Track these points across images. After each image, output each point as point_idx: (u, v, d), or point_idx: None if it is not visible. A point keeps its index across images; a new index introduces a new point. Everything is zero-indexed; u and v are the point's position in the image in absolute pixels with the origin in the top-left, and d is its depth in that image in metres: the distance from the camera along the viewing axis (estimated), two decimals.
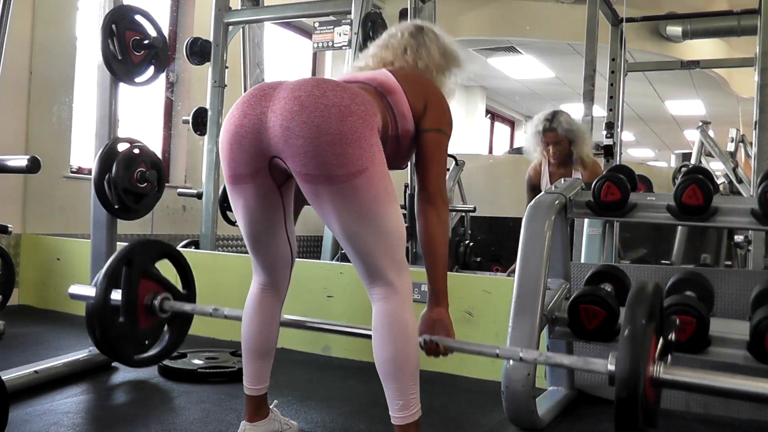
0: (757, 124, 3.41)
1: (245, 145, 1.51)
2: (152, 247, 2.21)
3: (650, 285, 1.50)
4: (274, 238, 1.68)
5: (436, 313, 1.69)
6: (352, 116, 1.45)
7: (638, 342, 1.40)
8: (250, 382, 1.77)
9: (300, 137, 1.43)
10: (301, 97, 1.45)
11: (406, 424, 1.56)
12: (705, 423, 2.26)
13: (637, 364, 1.38)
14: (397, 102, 1.65)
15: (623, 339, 1.41)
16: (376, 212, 1.49)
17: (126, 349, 2.10)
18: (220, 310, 2.04)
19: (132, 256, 2.09)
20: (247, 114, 1.51)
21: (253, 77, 4.58)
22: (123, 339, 2.07)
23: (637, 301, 1.45)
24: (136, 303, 2.08)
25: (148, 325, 2.12)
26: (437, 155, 1.69)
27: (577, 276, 2.47)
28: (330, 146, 1.42)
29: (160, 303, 2.11)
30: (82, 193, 3.86)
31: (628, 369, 1.38)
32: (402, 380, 1.55)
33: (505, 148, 11.88)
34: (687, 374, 1.47)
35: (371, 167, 1.46)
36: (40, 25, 3.99)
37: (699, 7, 6.36)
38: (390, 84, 1.67)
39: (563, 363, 1.68)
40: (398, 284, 1.56)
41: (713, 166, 5.53)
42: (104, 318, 2.05)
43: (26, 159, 1.99)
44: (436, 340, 1.68)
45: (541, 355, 1.68)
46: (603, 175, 2.29)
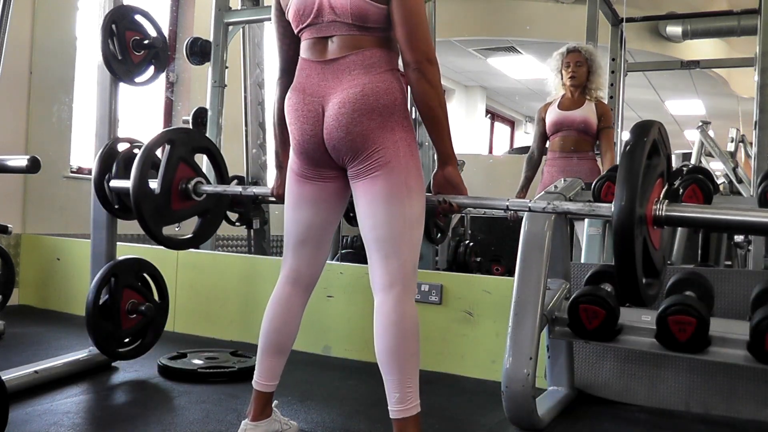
0: (757, 124, 3.42)
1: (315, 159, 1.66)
2: (194, 135, 2.36)
3: (651, 122, 1.43)
4: (326, 236, 1.78)
5: (446, 173, 1.70)
6: (384, 129, 1.58)
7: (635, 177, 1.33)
8: (263, 378, 1.78)
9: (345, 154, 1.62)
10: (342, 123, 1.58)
11: (403, 417, 1.57)
12: (705, 423, 2.26)
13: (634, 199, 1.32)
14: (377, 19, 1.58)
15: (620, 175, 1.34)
16: (402, 201, 1.59)
17: (158, 223, 2.21)
18: (249, 188, 2.21)
19: (175, 136, 2.23)
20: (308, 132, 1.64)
21: (253, 77, 4.58)
22: (156, 214, 2.19)
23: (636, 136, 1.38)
24: (173, 181, 2.19)
25: (180, 206, 2.24)
26: (416, 14, 1.57)
27: (577, 276, 2.47)
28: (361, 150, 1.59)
29: (194, 186, 2.22)
30: (82, 193, 3.86)
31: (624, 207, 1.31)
32: (401, 371, 1.56)
33: (505, 148, 11.87)
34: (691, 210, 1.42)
35: (393, 161, 1.58)
36: (40, 25, 3.99)
37: (699, 7, 6.35)
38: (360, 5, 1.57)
39: (570, 210, 1.67)
40: (402, 276, 1.60)
41: (713, 166, 5.53)
42: (140, 196, 2.16)
43: (26, 159, 1.99)
44: (449, 199, 1.70)
45: (549, 204, 1.69)
46: (603, 175, 2.29)
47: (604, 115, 3.39)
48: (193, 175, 2.24)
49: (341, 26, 1.60)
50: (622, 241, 1.33)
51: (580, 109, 3.40)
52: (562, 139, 3.41)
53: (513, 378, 1.98)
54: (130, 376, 2.53)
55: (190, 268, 3.39)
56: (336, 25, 1.61)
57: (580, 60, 3.42)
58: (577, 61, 3.42)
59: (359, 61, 1.60)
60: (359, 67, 1.59)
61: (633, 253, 1.33)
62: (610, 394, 2.44)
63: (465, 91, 10.34)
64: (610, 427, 2.18)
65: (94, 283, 2.43)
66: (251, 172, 4.58)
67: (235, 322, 3.25)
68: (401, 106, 1.62)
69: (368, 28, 1.60)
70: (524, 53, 8.24)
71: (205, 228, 2.41)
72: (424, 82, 1.59)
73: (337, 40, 1.62)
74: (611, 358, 2.47)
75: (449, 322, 2.80)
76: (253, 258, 3.76)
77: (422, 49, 1.58)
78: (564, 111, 3.43)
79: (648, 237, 1.37)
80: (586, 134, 3.37)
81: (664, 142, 1.47)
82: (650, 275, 1.40)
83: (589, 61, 3.43)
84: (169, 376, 2.51)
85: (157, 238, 2.23)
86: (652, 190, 1.38)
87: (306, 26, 1.65)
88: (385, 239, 1.60)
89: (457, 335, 2.78)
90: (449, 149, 1.67)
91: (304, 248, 1.76)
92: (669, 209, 1.40)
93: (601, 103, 3.46)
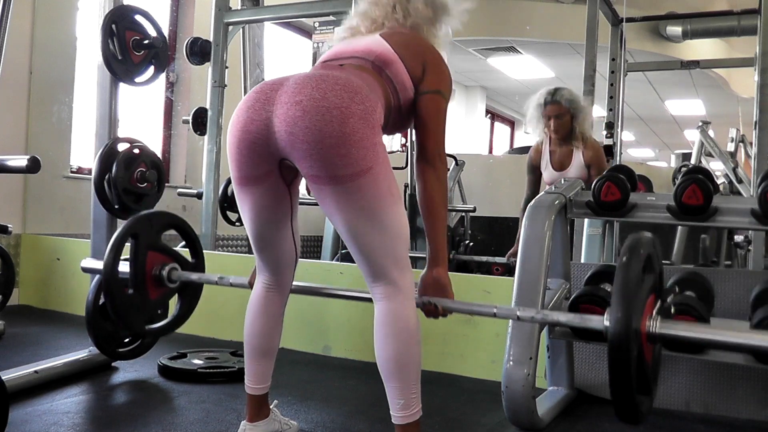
0: (757, 124, 3.41)
1: (255, 150, 1.53)
2: (158, 218, 2.22)
3: (645, 236, 1.42)
4: (280, 238, 1.70)
5: (435, 274, 1.68)
6: (353, 117, 1.46)
7: (632, 293, 1.32)
8: (252, 381, 1.77)
9: (304, 142, 1.45)
10: (302, 102, 1.46)
11: (407, 423, 1.56)
12: (705, 423, 2.26)
13: (629, 315, 1.31)
14: (396, 73, 1.66)
15: (616, 290, 1.33)
16: (379, 211, 1.51)
17: (136, 319, 2.11)
18: (226, 278, 2.07)
19: (137, 228, 2.11)
20: (254, 120, 1.52)
21: (253, 77, 4.58)
22: (133, 309, 2.09)
23: (631, 250, 1.37)
24: (144, 274, 2.09)
25: (157, 295, 2.14)
26: (436, 116, 1.68)
27: (577, 276, 2.47)
28: (333, 148, 1.44)
29: (168, 273, 2.12)
30: (82, 193, 3.86)
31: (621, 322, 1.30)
32: (404, 379, 1.55)
33: (505, 148, 11.87)
34: (687, 329, 1.41)
35: (375, 167, 1.48)
36: (40, 25, 3.99)
37: (699, 7, 6.35)
38: (387, 55, 1.67)
39: (560, 320, 1.65)
40: (401, 283, 1.57)
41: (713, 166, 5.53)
42: (114, 290, 2.06)
43: (26, 159, 1.99)
44: (435, 302, 1.67)
45: (538, 313, 1.66)
46: (603, 175, 2.29)
47: (593, 164, 3.26)
48: (165, 261, 2.13)
49: (359, 60, 1.66)
50: (618, 355, 1.31)
51: (572, 167, 3.30)
52: None
53: (513, 378, 1.98)
54: (130, 376, 2.53)
55: None
56: (355, 59, 1.67)
57: (561, 112, 3.24)
58: (558, 114, 3.24)
59: (351, 67, 1.64)
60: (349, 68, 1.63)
61: (629, 367, 1.31)
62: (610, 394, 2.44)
63: (465, 91, 10.34)
64: (610, 427, 2.18)
65: (94, 283, 2.44)
66: None
67: (235, 322, 3.22)
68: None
69: (381, 70, 1.65)
70: (524, 53, 8.24)
71: (186, 306, 2.28)
72: (434, 177, 1.65)
73: (347, 62, 1.67)
74: None
75: (449, 322, 2.77)
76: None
77: (435, 145, 1.66)
78: (558, 171, 3.34)
79: (642, 353, 1.37)
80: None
81: (658, 257, 1.46)
82: (642, 392, 1.39)
83: (572, 109, 3.25)
84: (169, 376, 2.51)
85: (139, 333, 2.14)
86: (645, 305, 1.38)
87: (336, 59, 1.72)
88: (375, 253, 1.56)
89: (457, 335, 2.78)
90: (442, 248, 1.68)
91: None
92: (662, 326, 1.39)
93: (588, 149, 3.30)
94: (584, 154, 3.28)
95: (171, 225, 2.29)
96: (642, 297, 1.36)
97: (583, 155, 3.28)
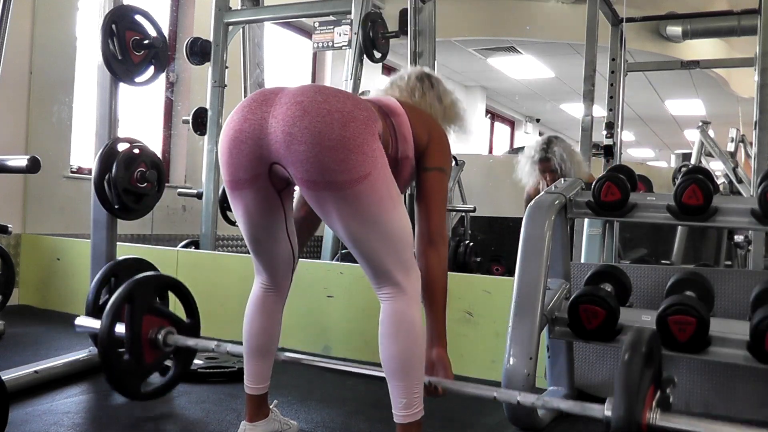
0: (757, 124, 3.42)
1: (245, 150, 1.51)
2: (153, 281, 2.22)
3: (647, 332, 1.49)
4: (275, 241, 1.68)
5: (435, 354, 1.71)
6: (355, 122, 1.45)
7: (634, 388, 1.39)
8: (251, 382, 1.78)
9: (302, 143, 1.43)
10: (303, 102, 1.45)
11: (408, 423, 1.57)
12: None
13: (632, 410, 1.37)
14: (399, 123, 1.66)
15: (618, 385, 1.40)
16: (380, 216, 1.50)
17: (132, 383, 2.11)
18: (223, 346, 2.07)
19: (133, 292, 2.10)
20: (248, 119, 1.50)
21: (253, 77, 4.58)
22: (129, 374, 2.09)
23: (633, 346, 1.44)
24: (141, 338, 2.10)
25: (153, 359, 2.14)
26: (439, 194, 1.71)
27: (577, 276, 2.46)
28: (332, 152, 1.42)
29: (164, 337, 2.12)
30: (82, 193, 3.86)
31: (623, 416, 1.37)
32: (407, 378, 1.56)
33: (505, 148, 11.87)
34: (685, 422, 1.45)
35: (374, 172, 1.46)
36: (40, 25, 3.99)
37: (699, 7, 6.35)
38: (395, 107, 1.68)
39: (560, 407, 1.69)
40: (406, 284, 1.57)
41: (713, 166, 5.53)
42: (110, 355, 2.07)
43: (26, 159, 1.99)
44: (435, 383, 1.70)
45: (538, 399, 1.71)
46: (603, 175, 2.29)
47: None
48: (161, 324, 2.14)
49: (371, 104, 1.61)
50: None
51: None
52: None
53: (513, 378, 1.98)
54: None
55: (190, 268, 3.39)
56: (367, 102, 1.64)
57: (552, 168, 3.22)
58: (551, 170, 3.21)
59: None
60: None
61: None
62: (610, 394, 2.43)
63: (465, 91, 10.34)
64: None
65: (94, 283, 2.43)
66: None
67: (235, 322, 3.21)
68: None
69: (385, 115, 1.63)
70: (524, 53, 8.25)
71: (181, 367, 2.27)
72: (436, 256, 1.67)
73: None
74: (611, 358, 2.47)
75: (449, 322, 2.74)
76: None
77: (438, 224, 1.69)
78: None
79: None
80: None
81: (658, 349, 1.52)
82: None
83: (564, 169, 3.20)
84: None
85: (135, 397, 2.12)
86: (646, 397, 1.43)
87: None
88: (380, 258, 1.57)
89: (457, 335, 2.78)
90: (443, 329, 1.71)
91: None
92: (662, 419, 1.44)
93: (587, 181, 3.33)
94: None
95: (167, 286, 2.31)
96: (643, 391, 1.41)
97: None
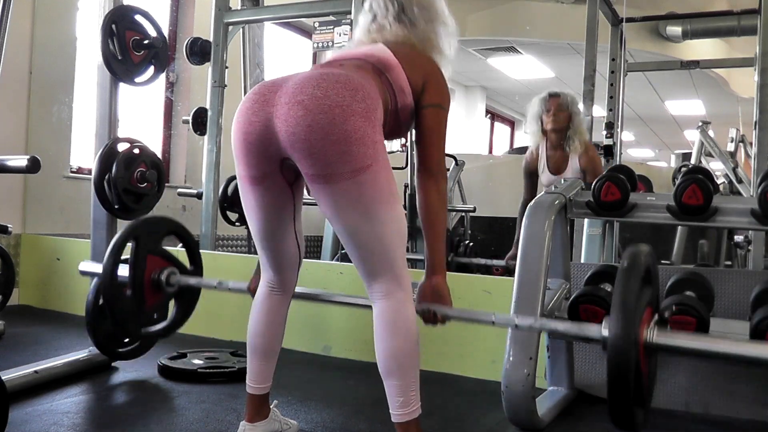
0: (757, 124, 3.41)
1: (254, 151, 1.56)
2: (159, 222, 2.22)
3: (644, 248, 1.46)
4: (283, 237, 1.71)
5: (434, 282, 1.70)
6: (355, 116, 1.47)
7: (631, 305, 1.36)
8: (254, 381, 1.78)
9: (306, 140, 1.47)
10: (304, 101, 1.47)
11: (406, 421, 1.57)
12: (705, 423, 2.26)
13: (630, 325, 1.34)
14: (395, 78, 1.67)
15: (615, 301, 1.37)
16: (378, 209, 1.52)
17: (133, 323, 2.11)
18: (224, 283, 2.08)
19: (138, 232, 2.11)
20: (253, 122, 1.54)
21: (253, 77, 4.57)
22: (130, 313, 2.09)
23: (630, 264, 1.41)
24: (143, 278, 2.09)
25: (155, 300, 2.14)
26: (437, 130, 1.71)
27: (577, 276, 2.47)
28: (334, 145, 1.46)
29: (166, 278, 2.12)
30: (82, 193, 3.85)
31: (621, 332, 1.34)
32: (402, 377, 1.56)
33: (505, 148, 11.87)
34: (683, 339, 1.44)
35: (374, 164, 1.49)
36: (40, 25, 3.99)
37: (699, 7, 6.35)
38: (388, 60, 1.68)
39: (557, 329, 1.67)
40: (399, 282, 1.58)
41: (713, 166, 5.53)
42: (111, 293, 2.06)
43: (26, 159, 1.99)
44: (434, 309, 1.69)
45: (536, 321, 1.68)
46: (603, 175, 2.29)
47: (589, 172, 3.36)
48: (164, 265, 2.13)
49: (359, 61, 1.66)
50: (617, 364, 1.34)
51: (568, 170, 3.42)
52: None
53: (513, 378, 1.99)
54: (130, 376, 2.53)
55: None
56: (356, 60, 1.67)
57: (561, 105, 3.41)
58: (559, 104, 3.41)
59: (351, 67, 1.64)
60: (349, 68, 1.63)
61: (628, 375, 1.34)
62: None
63: (465, 91, 10.34)
64: (610, 427, 2.16)
65: (94, 284, 2.44)
66: None
67: (235, 322, 3.24)
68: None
69: (381, 73, 1.65)
70: (524, 53, 8.24)
71: (182, 311, 2.26)
72: (435, 190, 1.66)
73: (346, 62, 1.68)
74: None
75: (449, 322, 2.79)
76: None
77: (438, 158, 1.68)
78: (555, 174, 3.45)
79: (638, 364, 1.38)
80: None
81: (655, 269, 1.49)
82: (637, 402, 1.41)
83: (571, 108, 3.42)
84: (169, 376, 2.51)
85: (136, 338, 2.14)
86: (643, 317, 1.40)
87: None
88: (373, 252, 1.57)
89: (456, 335, 2.78)
90: (442, 259, 1.69)
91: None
92: (659, 336, 1.42)
93: (584, 156, 3.42)
94: (580, 160, 3.40)
95: (171, 231, 2.29)
96: (641, 308, 1.38)
97: (580, 160, 3.40)
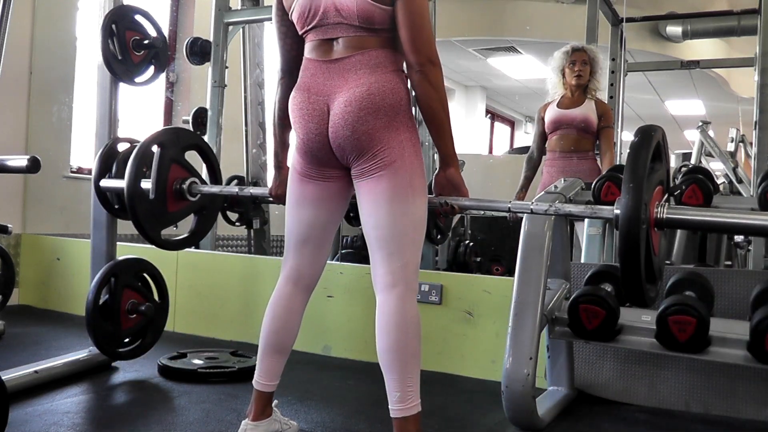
0: (757, 124, 3.42)
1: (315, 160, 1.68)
2: (184, 135, 2.32)
3: (655, 127, 1.48)
4: (324, 238, 1.78)
5: (447, 174, 1.71)
6: (389, 129, 1.59)
7: (641, 179, 1.37)
8: (263, 378, 1.78)
9: (349, 152, 1.62)
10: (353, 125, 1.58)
11: (404, 417, 1.57)
12: (705, 423, 2.26)
13: (640, 199, 1.36)
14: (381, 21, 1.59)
15: (626, 177, 1.38)
16: (404, 199, 1.59)
17: (154, 228, 2.19)
18: (246, 189, 2.15)
19: (163, 138, 2.19)
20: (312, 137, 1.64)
21: (253, 77, 4.58)
22: (152, 218, 2.16)
23: (642, 141, 1.42)
24: (166, 185, 2.16)
25: (176, 208, 2.21)
26: (420, 15, 1.59)
27: (577, 276, 2.46)
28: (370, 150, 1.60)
29: (189, 187, 2.18)
30: (82, 193, 3.85)
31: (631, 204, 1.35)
32: (401, 371, 1.57)
33: (505, 148, 11.87)
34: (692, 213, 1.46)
35: (399, 161, 1.59)
36: (40, 25, 3.99)
37: (699, 7, 6.35)
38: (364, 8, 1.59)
39: (572, 212, 1.67)
40: (405, 276, 1.60)
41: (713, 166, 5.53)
42: (135, 196, 2.13)
43: (26, 159, 1.98)
44: (450, 201, 1.71)
45: (551, 207, 1.69)
46: (603, 175, 2.29)
47: (604, 115, 3.38)
48: (186, 176, 2.21)
49: (347, 28, 1.61)
50: (628, 240, 1.36)
51: (580, 107, 3.39)
52: (561, 138, 3.40)
53: (513, 378, 1.99)
54: (130, 376, 2.53)
55: (190, 268, 3.39)
56: (342, 27, 1.61)
57: (585, 59, 3.43)
58: (583, 60, 3.43)
59: (365, 60, 1.60)
60: (365, 66, 1.60)
61: (638, 251, 1.36)
62: (610, 394, 2.44)
63: (465, 91, 10.34)
64: (610, 427, 2.18)
65: (94, 283, 2.43)
66: (251, 172, 4.58)
67: (235, 322, 3.25)
68: (406, 106, 1.63)
69: (374, 29, 1.60)
70: (524, 53, 8.24)
71: (201, 225, 2.40)
72: (426, 83, 1.60)
73: (343, 41, 1.62)
74: (611, 358, 2.47)
75: (449, 322, 2.80)
76: (253, 258, 3.76)
77: (425, 51, 1.59)
78: (563, 109, 3.42)
79: (650, 239, 1.39)
80: (586, 133, 3.36)
81: (666, 149, 1.50)
82: (649, 278, 1.42)
83: (593, 62, 3.45)
84: (169, 376, 2.51)
85: (156, 242, 2.22)
86: (653, 194, 1.40)
87: (311, 28, 1.65)
88: (388, 239, 1.60)
89: (457, 335, 2.78)
90: (451, 150, 1.68)
91: (305, 248, 1.77)
92: (670, 212, 1.44)
93: (601, 102, 3.47)
94: (597, 104, 3.42)
95: (194, 145, 2.38)
96: (651, 184, 1.40)
97: (597, 105, 3.42)
